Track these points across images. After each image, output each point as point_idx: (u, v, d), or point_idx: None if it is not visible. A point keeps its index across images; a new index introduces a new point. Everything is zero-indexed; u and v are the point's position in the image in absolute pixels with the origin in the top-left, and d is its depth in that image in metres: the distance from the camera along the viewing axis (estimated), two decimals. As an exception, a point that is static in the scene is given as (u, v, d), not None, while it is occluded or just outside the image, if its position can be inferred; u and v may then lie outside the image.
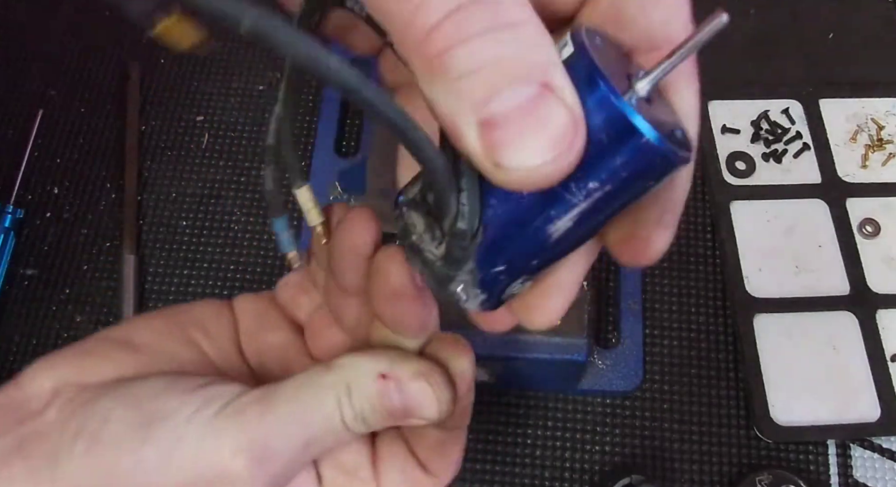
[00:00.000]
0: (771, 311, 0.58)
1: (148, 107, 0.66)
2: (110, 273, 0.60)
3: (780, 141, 0.64)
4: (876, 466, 0.55)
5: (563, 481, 0.54)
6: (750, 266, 0.60)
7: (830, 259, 0.60)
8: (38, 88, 0.67)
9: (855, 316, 0.58)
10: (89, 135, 0.65)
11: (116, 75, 0.68)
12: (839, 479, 0.54)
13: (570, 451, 0.55)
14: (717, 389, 0.57)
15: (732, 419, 0.56)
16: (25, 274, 0.60)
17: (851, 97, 0.66)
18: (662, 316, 0.59)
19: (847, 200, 0.62)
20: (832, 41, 0.69)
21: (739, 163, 0.63)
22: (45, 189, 0.63)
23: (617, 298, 0.59)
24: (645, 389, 0.57)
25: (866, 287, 0.59)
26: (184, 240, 0.61)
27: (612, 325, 0.59)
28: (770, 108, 0.66)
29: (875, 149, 0.64)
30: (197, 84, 0.67)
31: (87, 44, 0.69)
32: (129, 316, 0.57)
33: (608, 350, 0.57)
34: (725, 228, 0.61)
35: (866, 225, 0.61)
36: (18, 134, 0.65)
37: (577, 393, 0.56)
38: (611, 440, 0.55)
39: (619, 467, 0.54)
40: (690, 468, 0.54)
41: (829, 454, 0.55)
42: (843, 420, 0.55)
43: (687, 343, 0.58)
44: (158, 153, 0.65)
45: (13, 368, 0.57)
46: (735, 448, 0.55)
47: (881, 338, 0.57)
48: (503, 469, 0.54)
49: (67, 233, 0.61)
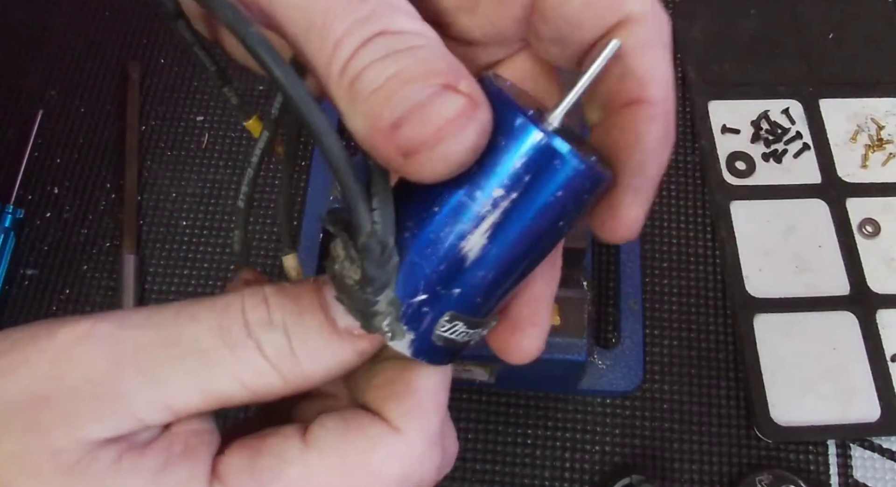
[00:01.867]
0: (771, 311, 0.58)
1: (148, 107, 0.66)
2: (110, 273, 0.60)
3: (780, 141, 0.64)
4: (876, 466, 0.55)
5: (563, 481, 0.54)
6: (750, 266, 0.60)
7: (830, 259, 0.60)
8: (38, 88, 0.67)
9: (855, 316, 0.58)
10: (89, 135, 0.65)
11: (116, 75, 0.68)
12: (839, 479, 0.54)
13: (570, 451, 0.55)
14: (717, 389, 0.57)
15: (732, 419, 0.56)
16: (25, 275, 0.60)
17: (851, 97, 0.66)
18: (662, 316, 0.59)
19: (847, 200, 0.62)
20: (832, 41, 0.69)
21: (739, 163, 0.63)
22: (45, 189, 0.63)
23: (617, 298, 0.59)
24: (645, 389, 0.57)
25: (866, 287, 0.59)
26: (184, 240, 0.61)
27: (612, 325, 0.59)
28: (770, 108, 0.66)
29: (875, 149, 0.64)
30: (197, 84, 0.67)
31: (87, 44, 0.69)
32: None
33: (608, 350, 0.57)
34: (725, 228, 0.61)
35: (866, 225, 0.61)
36: (18, 134, 0.65)
37: (577, 393, 0.56)
38: (611, 440, 0.55)
39: (619, 467, 0.54)
40: (690, 468, 0.54)
41: (829, 454, 0.55)
42: (843, 420, 0.55)
43: (687, 343, 0.58)
44: (158, 153, 0.65)
45: (13, 368, 0.57)
46: (735, 448, 0.55)
47: (881, 338, 0.57)
48: (503, 469, 0.54)
49: (67, 233, 0.61)
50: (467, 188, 0.22)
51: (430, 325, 0.23)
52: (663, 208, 0.63)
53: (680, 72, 0.68)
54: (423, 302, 0.23)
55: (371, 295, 0.22)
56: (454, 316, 0.23)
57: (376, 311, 0.23)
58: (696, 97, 0.66)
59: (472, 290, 0.23)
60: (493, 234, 0.22)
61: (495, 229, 0.22)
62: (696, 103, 0.66)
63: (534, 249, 0.23)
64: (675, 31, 0.69)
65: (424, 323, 0.23)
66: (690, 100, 0.66)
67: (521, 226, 0.22)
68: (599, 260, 0.61)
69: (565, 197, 0.22)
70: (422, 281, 0.23)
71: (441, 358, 0.24)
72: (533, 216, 0.22)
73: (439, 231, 0.22)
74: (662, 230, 0.62)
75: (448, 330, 0.23)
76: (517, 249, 0.22)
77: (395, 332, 0.23)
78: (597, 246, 0.61)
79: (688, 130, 0.66)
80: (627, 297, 0.59)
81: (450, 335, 0.23)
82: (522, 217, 0.22)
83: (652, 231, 0.62)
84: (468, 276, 0.23)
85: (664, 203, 0.63)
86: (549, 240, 0.23)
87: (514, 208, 0.22)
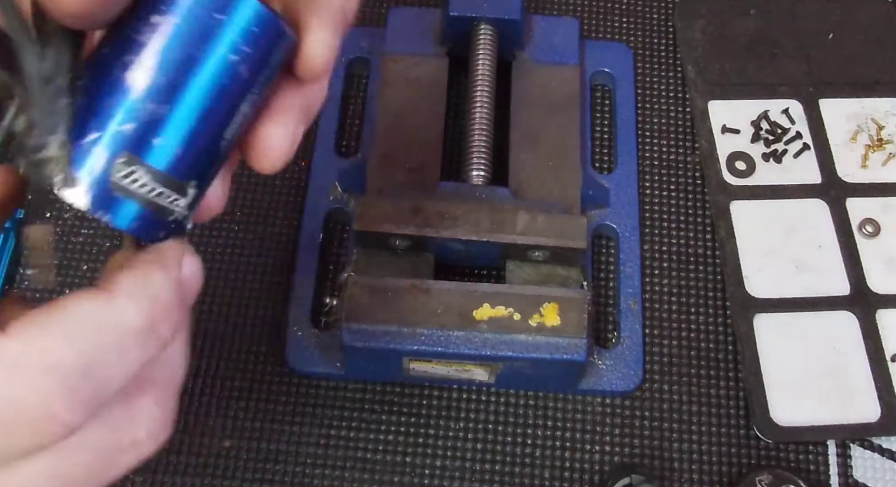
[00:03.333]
0: (771, 311, 0.58)
1: (148, 107, 0.66)
2: (110, 273, 0.60)
3: (780, 141, 0.64)
4: (876, 466, 0.55)
5: (563, 481, 0.54)
6: (750, 266, 0.60)
7: (830, 259, 0.60)
8: (38, 88, 0.67)
9: (855, 316, 0.58)
10: (89, 135, 0.65)
11: (116, 75, 0.67)
12: (839, 479, 0.54)
13: (570, 451, 0.55)
14: (717, 389, 0.57)
15: (732, 419, 0.56)
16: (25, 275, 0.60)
17: (851, 97, 0.66)
18: (662, 316, 0.59)
19: (847, 200, 0.62)
20: (832, 41, 0.69)
21: (739, 163, 0.63)
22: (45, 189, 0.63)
23: (617, 298, 0.59)
24: (645, 389, 0.57)
25: (866, 287, 0.59)
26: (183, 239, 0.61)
27: (612, 325, 0.59)
28: (770, 108, 0.66)
29: (875, 149, 0.64)
30: (197, 84, 0.67)
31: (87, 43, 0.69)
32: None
33: (608, 350, 0.57)
34: (725, 228, 0.61)
35: (866, 225, 0.61)
36: (18, 134, 0.65)
37: (577, 393, 0.56)
38: (611, 440, 0.55)
39: (619, 467, 0.54)
40: (690, 468, 0.54)
41: (829, 454, 0.55)
42: (843, 420, 0.55)
43: (687, 343, 0.58)
44: (158, 153, 0.65)
45: (13, 368, 0.57)
46: (735, 448, 0.55)
47: (881, 338, 0.57)
48: (503, 469, 0.54)
49: (67, 233, 0.61)
50: (132, 23, 0.21)
51: (106, 169, 0.22)
52: (663, 208, 0.63)
53: (680, 72, 0.68)
54: (94, 140, 0.22)
55: (38, 139, 0.21)
56: (131, 159, 0.22)
57: (46, 158, 0.22)
58: (696, 97, 0.66)
59: (147, 127, 0.22)
60: (159, 61, 0.21)
61: (160, 55, 0.21)
62: (696, 103, 0.66)
63: (214, 90, 0.22)
64: (674, 31, 0.69)
65: (98, 165, 0.22)
66: (690, 100, 0.67)
67: (187, 53, 0.21)
68: (599, 260, 0.61)
69: (235, 34, 0.22)
70: (92, 118, 0.21)
71: (139, 221, 0.22)
72: (198, 43, 0.21)
73: (105, 66, 0.22)
74: (662, 230, 0.62)
75: (127, 177, 0.22)
76: (191, 83, 0.22)
77: (68, 179, 0.22)
78: (596, 246, 0.61)
79: (688, 130, 0.66)
80: (627, 297, 0.59)
81: (130, 184, 0.22)
82: (187, 44, 0.21)
83: (652, 231, 0.62)
84: (140, 110, 0.22)
85: (664, 203, 0.63)
86: (231, 86, 0.22)
87: (176, 33, 0.21)
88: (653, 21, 0.70)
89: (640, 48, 0.69)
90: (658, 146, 0.65)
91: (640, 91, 0.67)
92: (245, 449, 0.55)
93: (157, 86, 0.22)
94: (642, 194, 0.63)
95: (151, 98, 0.22)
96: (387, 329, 0.51)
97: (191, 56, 0.22)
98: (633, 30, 0.70)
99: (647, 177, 0.64)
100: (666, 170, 0.64)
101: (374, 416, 0.56)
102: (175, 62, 0.22)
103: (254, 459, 0.54)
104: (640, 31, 0.70)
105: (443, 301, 0.52)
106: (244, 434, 0.55)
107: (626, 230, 0.61)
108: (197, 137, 0.23)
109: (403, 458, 0.55)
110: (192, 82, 0.22)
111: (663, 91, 0.68)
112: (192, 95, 0.22)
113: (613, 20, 0.71)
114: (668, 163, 0.65)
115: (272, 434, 0.55)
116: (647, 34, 0.70)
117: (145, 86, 0.22)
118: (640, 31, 0.70)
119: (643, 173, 0.64)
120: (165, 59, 0.22)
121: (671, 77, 0.68)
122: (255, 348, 0.58)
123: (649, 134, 0.66)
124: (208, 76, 0.22)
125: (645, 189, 0.63)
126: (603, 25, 0.70)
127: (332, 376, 0.56)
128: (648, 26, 0.70)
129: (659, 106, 0.67)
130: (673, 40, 0.70)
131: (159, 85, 0.22)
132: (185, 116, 0.22)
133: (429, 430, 0.55)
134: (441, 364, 0.52)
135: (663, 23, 0.70)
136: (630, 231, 0.61)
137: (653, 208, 0.63)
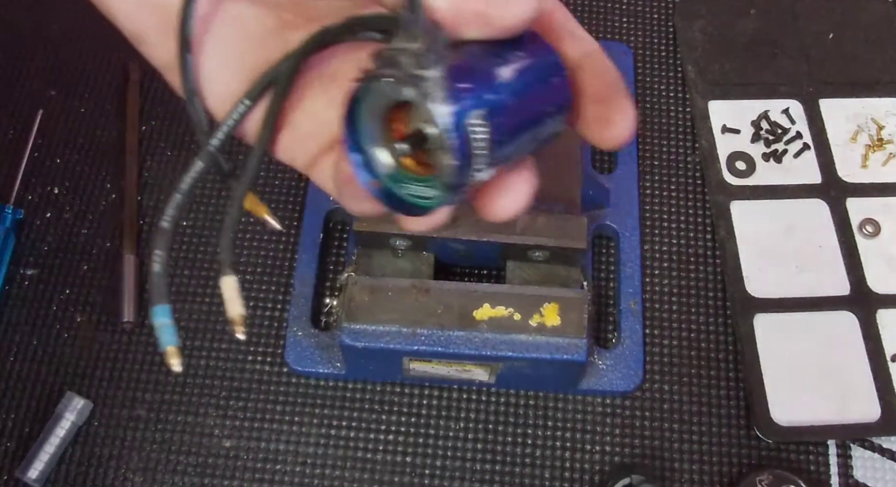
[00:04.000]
0: (771, 311, 0.58)
1: (148, 107, 0.66)
2: (110, 273, 0.60)
3: (781, 141, 0.64)
4: (876, 466, 0.55)
5: (563, 481, 0.54)
6: (750, 266, 0.60)
7: (830, 259, 0.60)
8: (38, 88, 0.67)
9: (855, 316, 0.58)
10: (89, 135, 0.65)
11: (116, 75, 0.67)
12: (839, 479, 0.54)
13: (570, 451, 0.55)
14: (717, 389, 0.57)
15: (732, 419, 0.56)
16: (25, 275, 0.60)
17: (851, 97, 0.66)
18: (662, 316, 0.59)
19: (847, 200, 0.62)
20: (832, 41, 0.69)
21: (739, 163, 0.63)
22: (45, 189, 0.63)
23: (617, 298, 0.59)
24: (645, 389, 0.57)
25: (866, 287, 0.59)
26: (184, 240, 0.61)
27: (612, 325, 0.59)
28: (770, 108, 0.66)
29: (875, 149, 0.64)
30: (197, 84, 0.67)
31: (87, 44, 0.69)
32: (128, 316, 0.57)
33: (608, 350, 0.57)
34: (725, 228, 0.61)
35: (866, 225, 0.61)
36: (18, 134, 0.65)
37: (577, 393, 0.56)
38: (611, 440, 0.55)
39: (619, 467, 0.54)
40: (690, 468, 0.54)
41: (830, 454, 0.55)
42: (843, 420, 0.55)
43: (687, 343, 0.58)
44: (158, 153, 0.65)
45: (13, 369, 0.57)
46: (735, 448, 0.55)
47: (881, 338, 0.57)
48: (503, 468, 0.54)
49: (67, 233, 0.61)
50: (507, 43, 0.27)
51: (468, 110, 0.26)
52: (663, 208, 0.63)
53: (680, 72, 0.68)
54: (468, 89, 0.26)
55: (422, 62, 0.26)
56: (484, 116, 0.26)
57: (429, 76, 0.26)
58: (696, 97, 0.66)
59: (497, 107, 0.27)
60: (518, 72, 0.28)
61: (518, 70, 0.28)
62: (696, 103, 0.66)
63: (535, 108, 0.28)
64: (675, 31, 0.69)
65: (464, 105, 0.26)
66: (690, 100, 0.67)
67: (528, 79, 0.28)
68: (599, 260, 0.61)
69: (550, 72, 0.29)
70: (468, 77, 0.27)
71: (460, 162, 0.27)
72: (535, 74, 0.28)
73: (482, 53, 0.27)
74: (662, 230, 0.62)
75: (475, 127, 0.26)
76: (527, 97, 0.28)
77: (442, 98, 0.26)
78: (597, 246, 0.61)
79: (688, 130, 0.66)
80: (627, 297, 0.59)
81: (474, 133, 0.26)
82: (528, 72, 0.28)
83: (652, 231, 0.62)
84: (497, 92, 0.27)
85: (664, 203, 0.63)
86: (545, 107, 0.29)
87: (531, 65, 0.28)
88: (653, 21, 0.71)
89: (640, 48, 0.69)
90: (658, 146, 0.65)
91: (641, 91, 0.67)
92: (245, 449, 0.55)
93: (511, 86, 0.27)
94: (642, 194, 0.63)
95: (509, 92, 0.27)
96: (387, 329, 0.51)
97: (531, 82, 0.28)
98: (633, 30, 0.70)
99: (648, 177, 0.64)
100: (666, 170, 0.64)
101: (374, 416, 0.56)
102: (525, 78, 0.28)
103: (254, 459, 0.54)
104: (640, 31, 0.70)
105: (443, 301, 0.52)
106: (244, 434, 0.55)
107: (626, 230, 0.61)
108: (515, 136, 0.28)
109: (403, 458, 0.55)
110: (530, 102, 0.28)
111: (663, 91, 0.68)
112: (525, 107, 0.28)
113: (613, 20, 0.71)
114: (668, 163, 0.65)
115: (272, 434, 0.55)
116: (647, 34, 0.70)
117: (506, 81, 0.27)
118: (640, 31, 0.70)
119: (643, 173, 0.64)
120: (522, 73, 0.28)
121: (671, 77, 0.68)
122: (254, 348, 0.58)
123: (649, 134, 0.66)
124: (536, 98, 0.28)
125: (645, 189, 0.63)
126: (603, 25, 0.70)
127: (332, 376, 0.56)
128: (648, 26, 0.70)
129: (659, 106, 0.67)
130: (673, 40, 0.70)
131: (513, 85, 0.27)
132: (516, 117, 0.28)
133: (429, 430, 0.55)
134: (441, 364, 0.52)
135: (663, 23, 0.70)
136: (630, 231, 0.61)
137: (653, 208, 0.63)
